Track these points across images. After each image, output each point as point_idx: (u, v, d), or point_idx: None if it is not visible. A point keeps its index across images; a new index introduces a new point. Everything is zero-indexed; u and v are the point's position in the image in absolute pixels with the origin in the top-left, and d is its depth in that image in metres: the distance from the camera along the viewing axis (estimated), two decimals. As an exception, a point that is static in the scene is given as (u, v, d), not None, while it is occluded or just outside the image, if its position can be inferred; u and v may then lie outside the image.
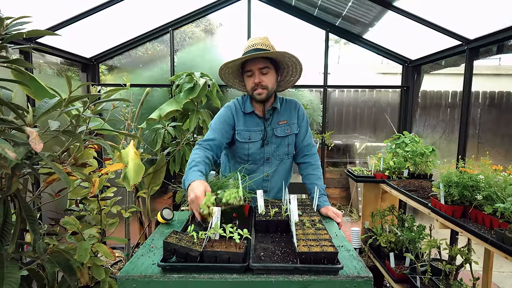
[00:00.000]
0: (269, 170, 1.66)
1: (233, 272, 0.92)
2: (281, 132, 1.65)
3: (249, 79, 1.57)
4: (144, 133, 3.06)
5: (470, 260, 1.71)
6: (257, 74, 1.54)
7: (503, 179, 1.45)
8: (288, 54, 1.51)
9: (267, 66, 1.54)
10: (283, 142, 1.66)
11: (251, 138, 1.62)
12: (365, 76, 4.02)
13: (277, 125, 1.65)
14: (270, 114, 1.66)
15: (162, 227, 1.37)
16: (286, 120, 1.67)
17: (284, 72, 1.68)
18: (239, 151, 1.65)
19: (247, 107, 1.64)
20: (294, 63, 1.60)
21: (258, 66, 1.53)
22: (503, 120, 2.49)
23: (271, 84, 1.57)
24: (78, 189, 1.59)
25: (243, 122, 1.64)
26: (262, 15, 3.33)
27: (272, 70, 1.58)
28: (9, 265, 0.83)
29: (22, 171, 0.88)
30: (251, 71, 1.55)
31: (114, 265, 2.71)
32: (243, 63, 1.59)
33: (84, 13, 2.61)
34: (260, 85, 1.54)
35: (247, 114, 1.65)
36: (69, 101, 0.98)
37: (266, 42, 1.56)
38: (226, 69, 1.60)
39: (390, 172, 2.57)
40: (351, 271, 0.94)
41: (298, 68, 1.63)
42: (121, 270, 0.96)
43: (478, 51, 2.48)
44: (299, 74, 1.67)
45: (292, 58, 1.54)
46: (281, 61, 1.60)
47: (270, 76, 1.56)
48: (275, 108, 1.66)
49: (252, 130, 1.63)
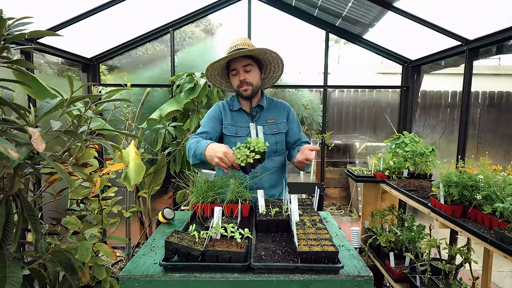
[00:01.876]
0: (259, 167, 1.67)
1: (234, 272, 0.93)
2: (268, 130, 1.70)
3: (235, 78, 1.65)
4: (145, 133, 3.07)
5: (469, 260, 1.71)
6: (241, 72, 1.62)
7: (502, 179, 1.46)
8: (268, 50, 1.58)
9: (250, 64, 1.62)
10: (271, 140, 1.69)
11: (237, 132, 1.69)
12: (365, 76, 4.02)
13: (264, 123, 1.70)
14: (257, 111, 1.73)
15: (163, 226, 1.38)
16: (274, 119, 1.73)
17: (267, 69, 1.76)
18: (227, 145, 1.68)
19: (235, 105, 1.73)
20: (275, 59, 1.67)
21: (242, 64, 1.61)
22: (503, 120, 2.49)
23: (255, 80, 1.64)
24: (79, 189, 1.59)
25: (231, 118, 1.72)
26: (262, 15, 3.33)
27: (255, 68, 1.65)
28: (11, 265, 0.84)
29: (24, 171, 0.89)
30: (235, 69, 1.63)
31: (115, 265, 2.71)
32: (227, 64, 1.67)
33: (85, 14, 2.62)
34: (245, 82, 1.61)
35: (235, 111, 1.73)
36: (71, 101, 0.99)
37: (247, 42, 1.64)
38: (212, 70, 1.67)
39: (390, 172, 2.58)
40: (352, 270, 0.95)
41: (279, 63, 1.71)
42: (122, 269, 0.96)
43: (477, 51, 2.48)
44: (281, 69, 1.75)
45: (272, 54, 1.62)
46: (262, 58, 1.68)
47: (254, 73, 1.64)
48: (261, 106, 1.72)
49: (239, 126, 1.70)
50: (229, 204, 1.34)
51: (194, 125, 2.88)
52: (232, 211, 1.34)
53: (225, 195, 1.39)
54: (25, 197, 0.97)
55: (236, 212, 1.32)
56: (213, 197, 1.37)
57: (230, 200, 1.37)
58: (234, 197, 1.39)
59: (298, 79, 3.67)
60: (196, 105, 2.97)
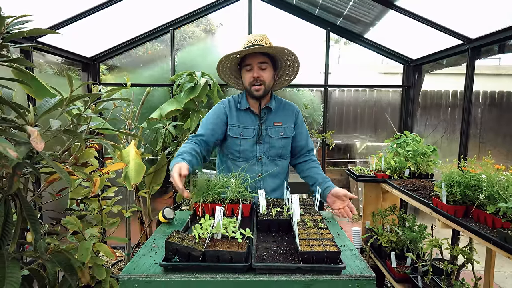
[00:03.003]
0: (262, 170, 1.65)
1: (235, 272, 0.92)
2: (275, 134, 1.65)
3: (248, 73, 1.58)
4: (145, 132, 3.06)
5: (471, 260, 1.70)
6: (256, 69, 1.56)
7: (505, 179, 1.45)
8: (288, 51, 1.53)
9: (266, 62, 1.57)
10: (276, 144, 1.65)
11: (243, 134, 1.63)
12: (365, 75, 4.01)
13: (271, 126, 1.65)
14: (265, 113, 1.67)
15: (164, 226, 1.37)
16: (281, 122, 1.67)
17: (280, 71, 1.70)
18: (231, 147, 1.65)
19: (243, 104, 1.66)
20: (292, 62, 1.62)
21: (258, 60, 1.55)
22: (505, 120, 2.48)
23: (268, 80, 1.59)
24: (79, 188, 1.59)
25: (237, 118, 1.65)
26: (263, 14, 3.32)
27: (270, 67, 1.60)
28: (10, 265, 0.83)
29: (23, 170, 0.88)
30: (250, 65, 1.57)
31: (114, 265, 2.71)
32: (242, 58, 1.61)
33: (85, 13, 2.61)
34: (259, 80, 1.56)
35: (242, 111, 1.66)
36: (70, 100, 0.98)
37: (266, 40, 1.59)
38: (226, 62, 1.61)
39: (391, 172, 2.57)
40: (354, 271, 0.94)
41: (295, 67, 1.66)
42: (122, 269, 0.95)
43: (479, 50, 2.47)
44: (295, 74, 1.70)
45: (291, 56, 1.57)
46: (279, 59, 1.62)
47: (268, 72, 1.58)
48: (269, 108, 1.66)
49: (245, 127, 1.64)
50: (229, 204, 1.33)
51: (194, 124, 2.88)
52: (233, 211, 1.33)
53: (225, 195, 1.38)
54: (24, 197, 0.96)
55: (237, 212, 1.31)
56: (214, 196, 1.36)
57: (230, 200, 1.36)
58: (235, 196, 1.38)
59: (299, 79, 3.66)
60: (197, 105, 2.97)
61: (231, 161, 1.68)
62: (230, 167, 1.66)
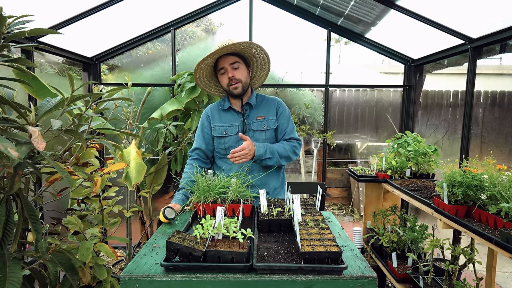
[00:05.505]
0: (249, 164, 1.68)
1: (236, 272, 0.92)
2: (257, 127, 1.72)
3: (223, 76, 1.69)
4: (146, 132, 3.06)
5: (473, 260, 1.70)
6: (230, 69, 1.66)
7: (507, 179, 1.44)
8: (253, 44, 1.63)
9: (237, 61, 1.67)
10: (260, 137, 1.71)
11: (227, 132, 1.72)
12: (366, 75, 4.00)
13: (254, 120, 1.73)
14: (246, 109, 1.75)
15: (165, 226, 1.37)
16: (264, 116, 1.75)
17: (253, 67, 1.80)
18: (218, 146, 1.76)
19: (225, 104, 1.76)
20: (261, 54, 1.71)
21: (229, 62, 1.65)
22: (506, 120, 2.47)
23: (243, 77, 1.68)
24: (80, 188, 1.59)
25: (219, 118, 1.75)
26: (264, 14, 3.31)
27: (243, 65, 1.70)
28: (11, 265, 0.83)
29: (24, 170, 0.88)
30: (223, 68, 1.67)
31: (115, 265, 2.71)
32: (215, 64, 1.71)
33: (86, 13, 2.61)
34: (234, 79, 1.65)
35: (224, 111, 1.76)
36: (71, 100, 0.98)
37: (233, 41, 1.66)
38: (201, 71, 1.70)
39: (392, 172, 2.56)
40: (355, 271, 0.93)
41: (265, 60, 1.75)
42: (123, 269, 0.95)
43: (481, 50, 2.46)
44: (268, 66, 1.80)
45: (257, 48, 1.66)
46: (248, 55, 1.72)
47: (242, 70, 1.69)
48: (250, 104, 1.74)
49: (228, 125, 1.73)
50: (230, 204, 1.33)
51: (195, 124, 2.87)
52: (234, 211, 1.33)
53: (226, 195, 1.38)
54: (26, 197, 0.96)
55: (237, 212, 1.31)
56: (214, 196, 1.36)
57: (231, 200, 1.36)
58: (236, 196, 1.38)
59: (299, 79, 3.66)
60: (197, 104, 2.96)
61: (219, 159, 1.78)
62: (220, 164, 1.76)
